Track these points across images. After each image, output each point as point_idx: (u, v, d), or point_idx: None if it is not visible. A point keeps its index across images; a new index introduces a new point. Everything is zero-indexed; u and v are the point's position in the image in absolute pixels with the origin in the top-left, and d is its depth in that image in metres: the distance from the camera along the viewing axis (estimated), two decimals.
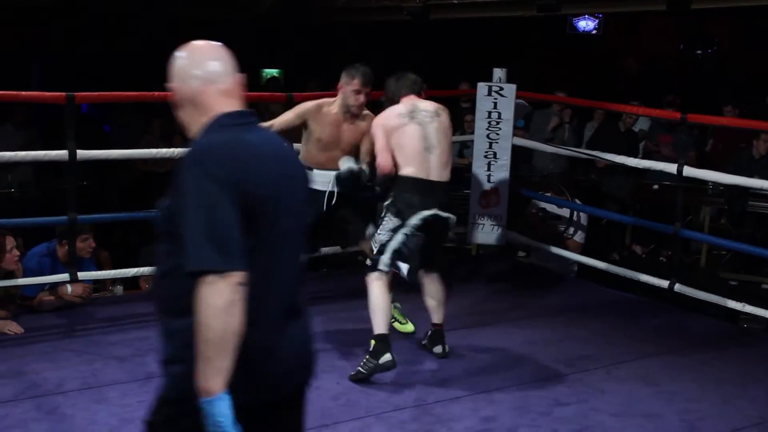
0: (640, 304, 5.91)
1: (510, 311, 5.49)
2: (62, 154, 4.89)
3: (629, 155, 6.42)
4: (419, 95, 4.54)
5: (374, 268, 4.32)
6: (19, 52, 10.26)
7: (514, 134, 6.48)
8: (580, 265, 6.68)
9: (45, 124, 9.38)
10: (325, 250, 5.68)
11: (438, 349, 4.58)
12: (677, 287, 5.60)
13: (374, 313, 4.29)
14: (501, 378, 4.34)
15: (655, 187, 8.48)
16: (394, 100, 4.50)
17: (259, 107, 10.48)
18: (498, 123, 6.32)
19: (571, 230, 6.90)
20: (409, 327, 4.98)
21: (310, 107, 4.68)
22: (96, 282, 5.71)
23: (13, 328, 4.76)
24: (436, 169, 4.34)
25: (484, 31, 11.37)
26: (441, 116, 4.44)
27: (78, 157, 4.90)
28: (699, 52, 13.11)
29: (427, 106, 4.47)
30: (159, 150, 5.66)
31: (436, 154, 4.34)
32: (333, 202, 4.66)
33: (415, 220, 4.25)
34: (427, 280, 4.56)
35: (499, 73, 6.41)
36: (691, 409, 4.07)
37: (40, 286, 5.15)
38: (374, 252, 4.36)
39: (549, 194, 7.04)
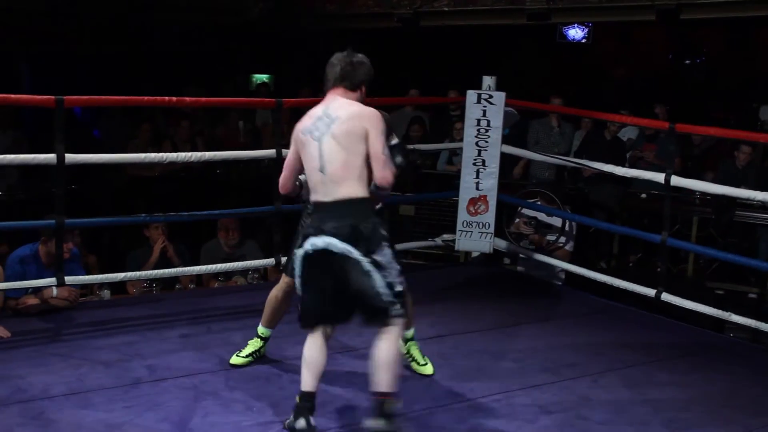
0: (626, 313, 5.92)
1: (497, 319, 5.49)
2: (50, 157, 4.87)
3: (616, 164, 6.43)
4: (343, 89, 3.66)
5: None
6: (7, 55, 10.24)
7: (503, 142, 6.50)
8: (568, 273, 6.69)
9: (33, 126, 9.35)
10: None
11: (368, 422, 3.44)
12: (664, 296, 5.62)
13: (302, 363, 3.56)
14: (487, 386, 4.33)
15: (643, 196, 8.52)
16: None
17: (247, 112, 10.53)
18: (487, 131, 6.34)
19: (562, 239, 6.90)
20: (428, 369, 4.43)
21: None
22: (83, 286, 5.68)
23: (0, 332, 4.73)
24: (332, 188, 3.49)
25: (474, 39, 11.41)
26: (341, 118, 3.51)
27: (66, 161, 4.88)
28: (688, 61, 13.18)
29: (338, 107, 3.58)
30: (147, 155, 5.65)
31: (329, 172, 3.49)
32: None
33: (306, 247, 3.50)
34: (377, 336, 3.48)
35: (488, 80, 6.43)
36: (677, 418, 4.08)
37: (24, 289, 5.11)
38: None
39: (538, 202, 7.05)
